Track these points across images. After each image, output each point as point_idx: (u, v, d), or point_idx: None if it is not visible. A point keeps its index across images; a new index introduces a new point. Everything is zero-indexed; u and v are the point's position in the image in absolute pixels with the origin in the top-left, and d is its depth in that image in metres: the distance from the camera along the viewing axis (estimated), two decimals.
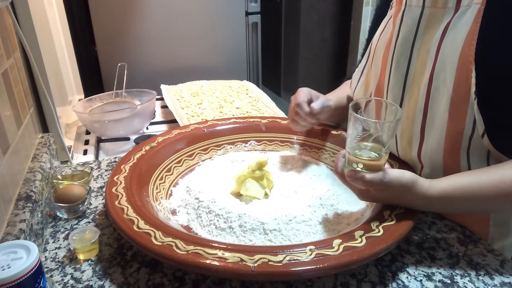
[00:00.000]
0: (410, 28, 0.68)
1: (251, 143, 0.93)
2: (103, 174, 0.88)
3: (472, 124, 0.60)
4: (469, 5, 0.60)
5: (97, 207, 0.76)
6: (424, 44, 0.66)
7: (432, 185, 0.60)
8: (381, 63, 0.75)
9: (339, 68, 3.13)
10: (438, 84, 0.63)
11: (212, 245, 0.54)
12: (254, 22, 1.92)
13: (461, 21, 0.61)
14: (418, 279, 0.58)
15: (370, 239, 0.55)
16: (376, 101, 0.63)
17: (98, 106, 1.16)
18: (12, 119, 0.73)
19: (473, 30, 0.58)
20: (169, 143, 0.85)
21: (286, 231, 0.63)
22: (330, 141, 0.88)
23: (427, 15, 0.66)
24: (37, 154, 0.82)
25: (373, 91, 0.79)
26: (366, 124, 0.57)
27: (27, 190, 0.68)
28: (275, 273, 0.50)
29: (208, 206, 0.68)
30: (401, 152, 0.74)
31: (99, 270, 0.60)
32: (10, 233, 0.57)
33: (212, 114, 1.12)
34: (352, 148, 0.60)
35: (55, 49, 1.28)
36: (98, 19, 1.62)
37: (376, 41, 0.77)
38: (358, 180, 0.58)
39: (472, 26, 0.59)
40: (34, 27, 0.87)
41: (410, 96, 0.69)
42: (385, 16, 0.78)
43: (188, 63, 1.80)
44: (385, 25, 0.76)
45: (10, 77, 0.75)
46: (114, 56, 1.67)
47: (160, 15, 1.68)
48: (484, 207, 0.63)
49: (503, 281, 0.58)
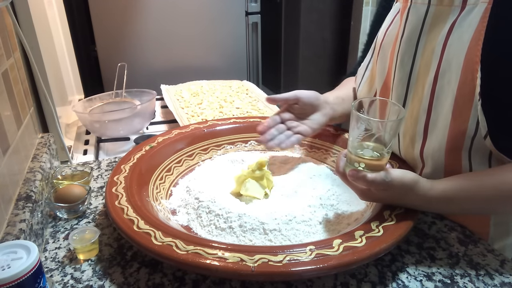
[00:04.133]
0: (415, 25, 0.67)
1: (251, 143, 0.93)
2: (103, 174, 0.88)
3: (475, 125, 0.60)
4: (475, 4, 0.59)
5: (97, 207, 0.76)
6: (429, 43, 0.65)
7: (433, 186, 0.59)
8: (388, 60, 0.74)
9: (339, 68, 3.13)
10: (443, 83, 0.63)
11: (212, 245, 0.54)
12: (254, 22, 1.92)
13: (467, 19, 0.60)
14: (418, 279, 0.58)
15: (370, 239, 0.55)
16: (380, 101, 0.63)
17: (98, 106, 1.16)
18: (12, 119, 0.73)
19: (480, 30, 0.57)
20: (169, 143, 0.85)
21: (286, 231, 0.63)
22: (330, 141, 0.88)
23: (432, 13, 0.65)
24: (37, 154, 0.82)
25: (379, 88, 0.78)
26: (369, 123, 0.57)
27: (27, 190, 0.68)
28: (275, 273, 0.50)
29: (208, 206, 0.68)
30: (403, 150, 0.74)
31: (99, 270, 0.60)
32: (10, 233, 0.57)
33: (212, 114, 1.12)
34: (354, 147, 0.60)
35: (55, 49, 1.28)
36: (98, 19, 1.63)
37: (382, 36, 0.76)
38: (360, 179, 0.58)
39: (478, 25, 0.58)
40: (34, 27, 0.87)
41: (414, 94, 0.69)
42: (389, 11, 0.77)
43: (188, 63, 1.80)
44: (392, 20, 0.75)
45: (10, 77, 0.75)
46: (114, 56, 1.67)
47: (160, 15, 1.68)
48: (485, 209, 0.63)
49: (503, 281, 0.58)
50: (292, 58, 3.12)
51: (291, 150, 0.91)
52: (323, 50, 3.08)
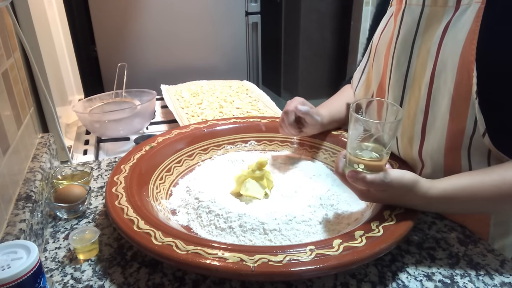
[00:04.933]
0: (410, 27, 0.68)
1: (251, 143, 0.93)
2: (103, 174, 0.88)
3: (473, 124, 0.60)
4: (469, 4, 0.60)
5: (97, 207, 0.76)
6: (425, 43, 0.66)
7: (433, 186, 0.60)
8: (383, 62, 0.75)
9: (339, 68, 3.13)
10: (439, 84, 0.63)
11: (212, 245, 0.54)
12: (254, 22, 1.92)
13: (461, 20, 0.61)
14: (418, 279, 0.58)
15: (370, 239, 0.55)
16: (378, 101, 0.63)
17: (98, 106, 1.16)
18: (12, 119, 0.73)
19: (474, 29, 0.58)
20: (169, 143, 0.85)
21: (286, 231, 0.63)
22: (330, 141, 0.88)
23: (427, 14, 0.66)
24: (37, 154, 0.82)
25: (375, 90, 0.79)
26: (367, 124, 0.57)
27: (27, 190, 0.68)
28: (275, 273, 0.50)
29: (208, 206, 0.68)
30: (402, 150, 0.74)
31: (99, 270, 0.60)
32: (10, 233, 0.57)
33: (212, 114, 1.12)
34: (353, 148, 0.60)
35: (55, 49, 1.28)
36: (98, 19, 1.63)
37: (377, 39, 0.77)
38: (359, 180, 0.58)
39: (472, 25, 0.59)
40: (34, 27, 0.87)
41: (410, 95, 0.69)
42: (385, 14, 0.78)
43: (188, 63, 1.80)
44: (386, 23, 0.76)
45: (10, 77, 0.75)
46: (114, 56, 1.67)
47: (160, 15, 1.68)
48: (485, 208, 0.63)
49: (503, 281, 0.58)
50: (292, 58, 3.12)
51: (291, 150, 0.92)
52: (323, 50, 3.08)
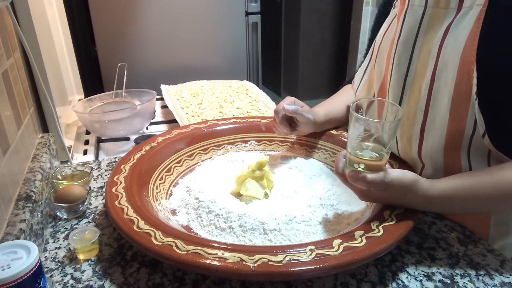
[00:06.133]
0: (412, 27, 0.68)
1: (251, 143, 0.93)
2: (103, 174, 0.88)
3: (473, 124, 0.60)
4: (471, 6, 0.60)
5: (97, 207, 0.76)
6: (426, 44, 0.66)
7: (433, 185, 0.60)
8: (385, 63, 0.75)
9: (339, 68, 3.13)
10: (440, 84, 0.63)
11: (212, 245, 0.54)
12: (254, 22, 1.92)
13: (463, 21, 0.61)
14: (418, 279, 0.58)
15: (370, 239, 0.55)
16: (378, 101, 0.63)
17: (98, 106, 1.16)
18: (12, 119, 0.73)
19: (475, 31, 0.59)
20: (169, 143, 0.85)
21: (286, 231, 0.63)
22: (330, 141, 0.88)
23: (429, 15, 0.66)
24: (37, 154, 0.82)
25: (376, 91, 0.79)
26: (367, 124, 0.57)
27: (27, 190, 0.68)
28: (275, 273, 0.50)
29: (208, 206, 0.68)
30: (401, 150, 0.74)
31: (99, 270, 0.60)
32: (10, 233, 0.57)
33: (212, 114, 1.12)
34: (353, 148, 0.60)
35: (55, 49, 1.28)
36: (98, 19, 1.63)
37: (380, 40, 0.77)
38: (360, 180, 0.58)
39: (473, 27, 0.59)
40: (34, 27, 0.87)
41: (410, 95, 0.69)
42: (388, 15, 0.78)
43: (188, 63, 1.80)
44: (389, 24, 0.76)
45: (10, 77, 0.75)
46: (114, 56, 1.67)
47: (160, 15, 1.68)
48: (485, 208, 0.63)
49: (503, 281, 0.58)
50: (292, 58, 3.12)
51: (291, 150, 0.91)
52: (323, 50, 3.08)
